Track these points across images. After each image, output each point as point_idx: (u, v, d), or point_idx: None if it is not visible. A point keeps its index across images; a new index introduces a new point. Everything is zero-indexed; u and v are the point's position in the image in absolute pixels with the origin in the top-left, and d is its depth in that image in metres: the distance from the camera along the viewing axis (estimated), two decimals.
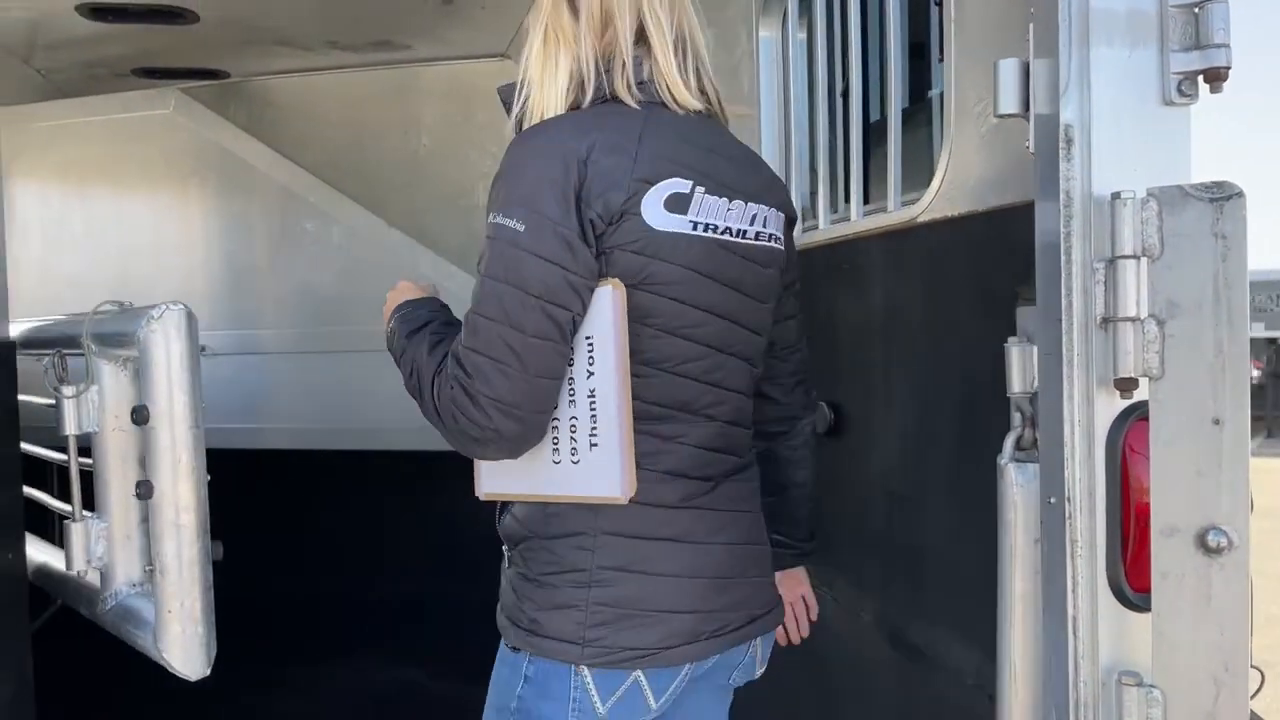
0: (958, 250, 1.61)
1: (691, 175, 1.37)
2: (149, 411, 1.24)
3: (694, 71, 1.43)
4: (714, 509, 1.44)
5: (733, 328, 1.43)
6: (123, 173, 4.74)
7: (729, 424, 1.45)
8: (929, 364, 1.71)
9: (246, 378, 4.52)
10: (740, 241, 1.43)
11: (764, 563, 1.52)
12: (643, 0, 1.38)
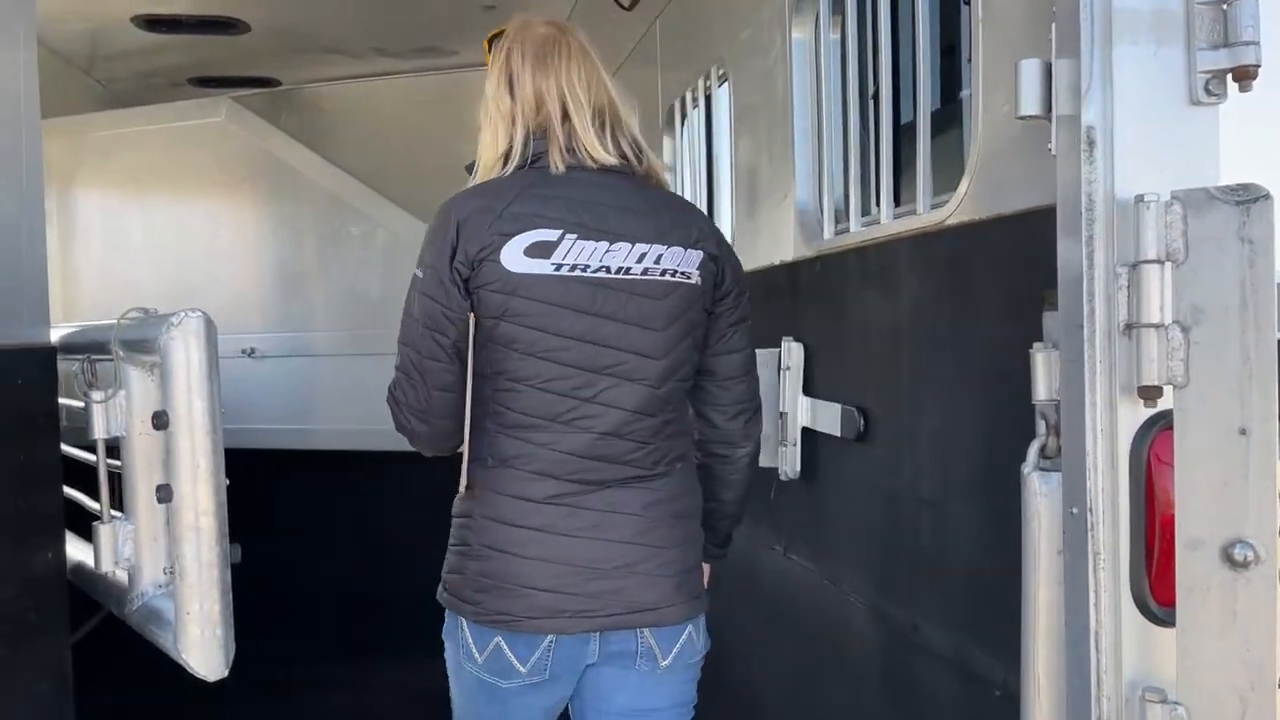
0: (985, 254, 1.58)
1: (562, 225, 1.67)
2: (168, 416, 1.27)
3: (611, 137, 1.75)
4: (589, 509, 1.72)
5: (606, 351, 1.70)
6: (177, 180, 4.87)
7: (609, 435, 1.70)
8: (957, 369, 1.68)
9: (296, 380, 4.61)
10: (620, 277, 1.70)
11: (662, 562, 1.74)
12: (564, 87, 1.74)
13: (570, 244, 1.69)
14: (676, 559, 1.76)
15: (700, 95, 3.20)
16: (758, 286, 2.63)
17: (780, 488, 2.45)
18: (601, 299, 1.70)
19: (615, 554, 1.72)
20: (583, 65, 1.81)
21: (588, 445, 1.71)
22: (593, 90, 1.78)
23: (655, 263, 1.72)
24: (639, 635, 1.75)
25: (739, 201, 2.81)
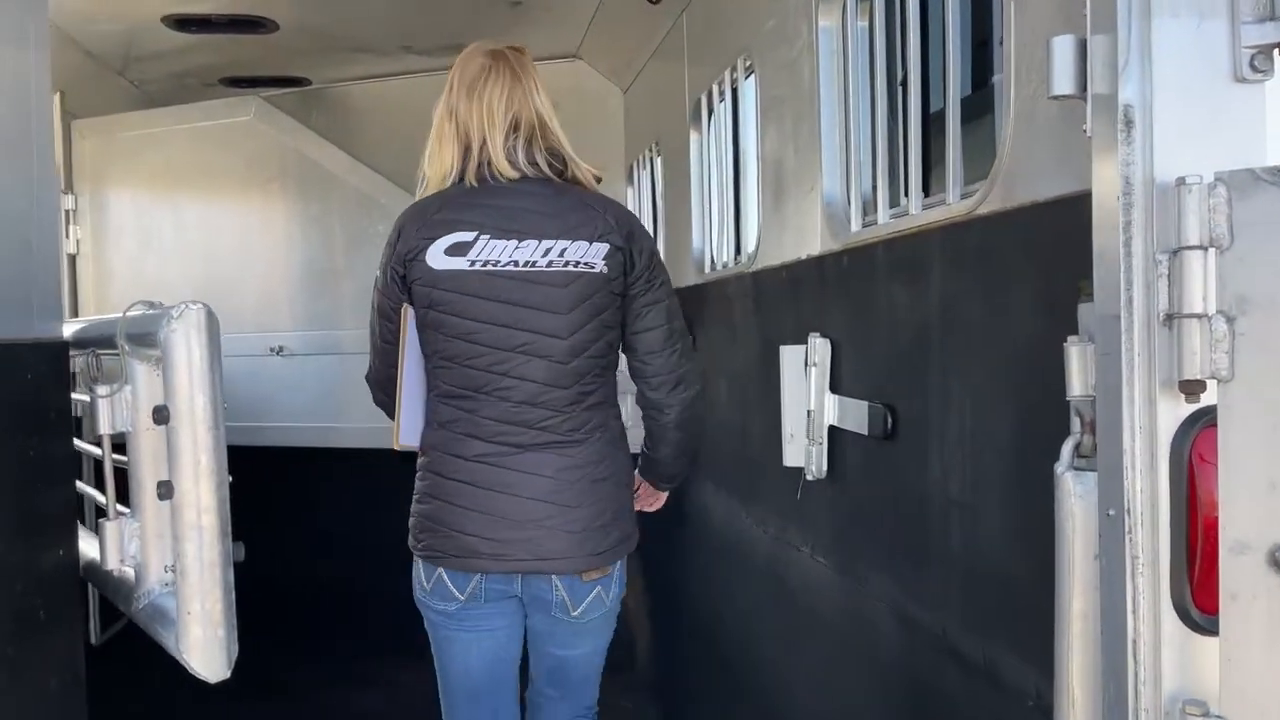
0: (1017, 243, 1.52)
1: (476, 228, 2.05)
2: (169, 411, 1.24)
3: (524, 150, 2.10)
4: (510, 469, 2.07)
5: (516, 333, 2.06)
6: (207, 179, 4.89)
7: (524, 404, 2.07)
8: (988, 365, 1.61)
9: (324, 378, 4.61)
10: (527, 270, 2.05)
11: (570, 519, 2.07)
12: (485, 112, 2.11)
13: (484, 243, 2.06)
14: (584, 517, 2.09)
15: (727, 88, 3.15)
16: (784, 281, 2.58)
17: (807, 488, 2.39)
18: (510, 288, 2.05)
19: (528, 509, 2.08)
20: (509, 89, 2.14)
21: (506, 412, 2.08)
22: (512, 112, 2.12)
23: (560, 255, 2.06)
24: (552, 584, 2.11)
25: (765, 195, 2.75)
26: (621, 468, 2.21)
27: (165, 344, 1.22)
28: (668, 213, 4.04)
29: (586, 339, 2.09)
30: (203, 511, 1.25)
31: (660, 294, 2.21)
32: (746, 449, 2.92)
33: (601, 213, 2.13)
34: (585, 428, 2.12)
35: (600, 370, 2.14)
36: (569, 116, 5.00)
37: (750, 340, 2.90)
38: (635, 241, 2.15)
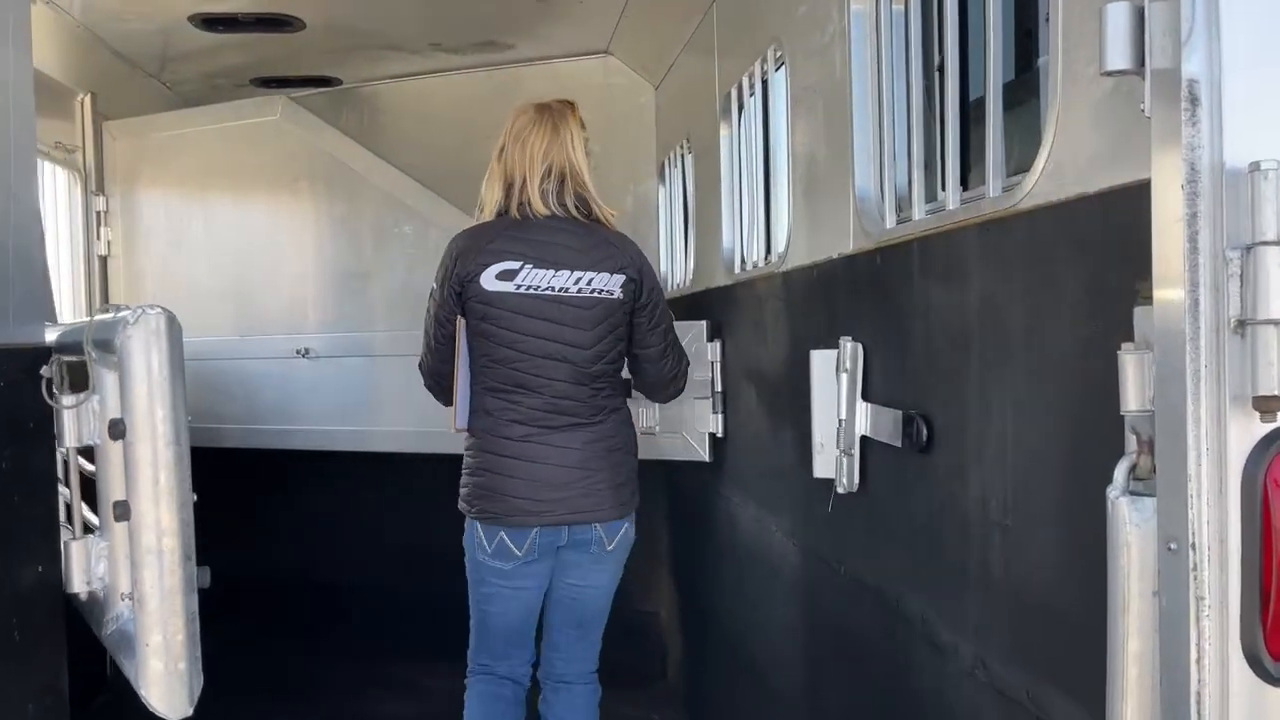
0: (1066, 240, 1.37)
1: (521, 258, 2.64)
2: (125, 425, 1.15)
3: (555, 193, 2.69)
4: (547, 444, 2.68)
5: (549, 344, 2.67)
6: (235, 179, 4.86)
7: (558, 398, 2.68)
8: (1032, 374, 1.47)
9: (351, 380, 4.55)
10: (562, 294, 2.66)
11: (596, 481, 2.72)
12: (528, 160, 2.69)
13: (528, 271, 2.65)
14: (607, 478, 2.75)
15: (757, 80, 3.02)
16: (815, 282, 2.44)
17: (838, 501, 2.25)
18: (547, 309, 2.66)
19: (564, 476, 2.69)
20: (549, 140, 2.71)
21: (544, 404, 2.69)
22: (551, 158, 2.71)
23: (588, 284, 2.67)
24: (594, 529, 2.75)
25: (796, 191, 2.61)
26: (630, 440, 2.86)
27: (122, 352, 1.12)
28: (698, 211, 3.91)
29: (604, 350, 2.73)
30: (163, 534, 1.15)
31: (661, 318, 2.82)
32: (777, 457, 2.79)
33: (621, 250, 2.74)
34: (603, 412, 2.75)
35: (614, 370, 2.79)
36: (600, 114, 4.92)
37: (781, 343, 2.77)
38: (645, 276, 2.76)
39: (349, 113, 5.36)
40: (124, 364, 1.13)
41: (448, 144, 5.21)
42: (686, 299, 4.08)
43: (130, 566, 1.16)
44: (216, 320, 4.78)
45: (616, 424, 2.78)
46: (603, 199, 4.68)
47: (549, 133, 2.71)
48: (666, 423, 3.63)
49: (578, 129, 2.79)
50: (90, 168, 4.83)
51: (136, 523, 1.13)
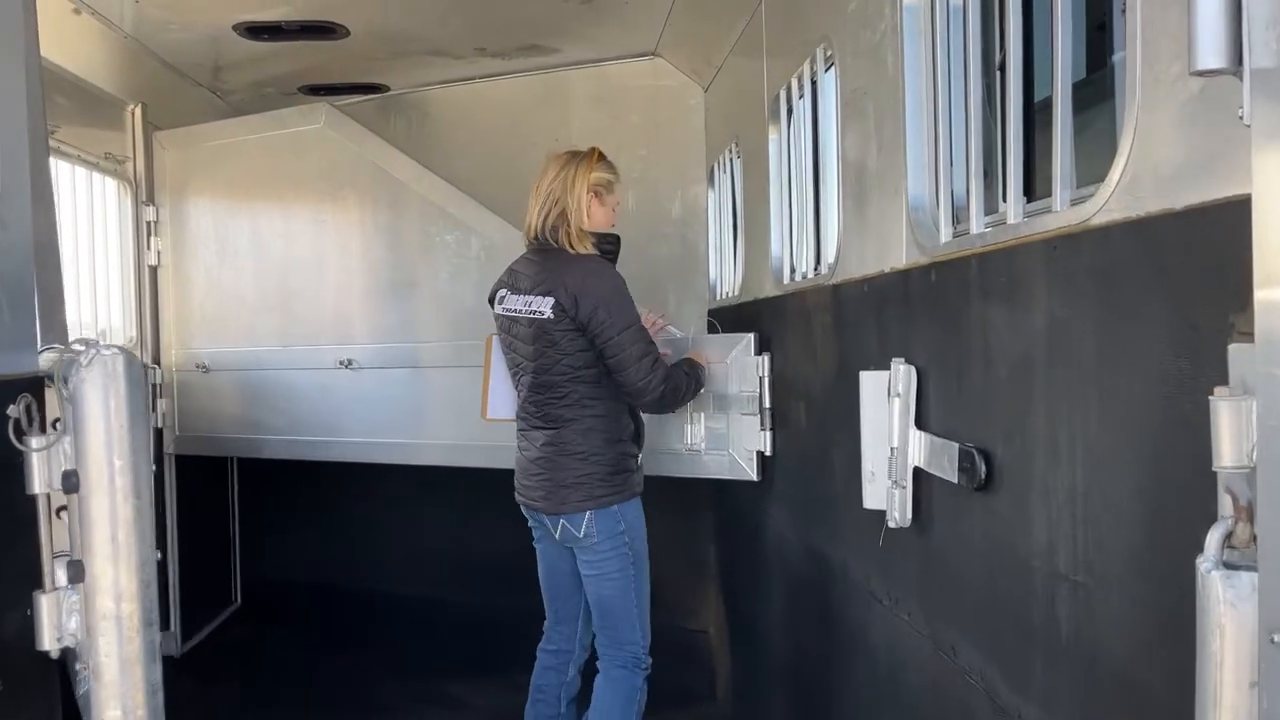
0: (1145, 263, 1.20)
1: (506, 286, 3.26)
2: (79, 478, 1.04)
3: (544, 221, 3.17)
4: (525, 439, 3.26)
5: (514, 356, 3.24)
6: (280, 187, 4.82)
7: (526, 402, 3.21)
8: (1106, 413, 1.30)
9: (394, 392, 4.48)
10: (515, 314, 3.20)
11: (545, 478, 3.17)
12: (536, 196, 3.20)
13: (505, 296, 3.26)
14: (555, 477, 3.14)
15: (806, 81, 2.86)
16: (866, 297, 2.28)
17: (889, 535, 2.08)
18: (513, 327, 3.22)
19: (529, 468, 3.22)
20: (557, 174, 3.16)
21: (522, 406, 3.24)
22: (551, 189, 3.17)
23: (528, 306, 3.15)
24: (559, 520, 3.16)
25: (846, 199, 2.45)
26: (592, 447, 3.13)
27: (75, 397, 1.01)
28: (747, 218, 3.76)
29: (546, 363, 3.13)
30: (122, 599, 1.04)
31: (609, 334, 3.05)
32: (826, 482, 2.62)
33: (556, 274, 3.09)
34: (559, 420, 3.14)
35: (562, 383, 3.13)
36: (648, 118, 4.77)
37: (830, 361, 2.61)
38: (583, 296, 3.03)
39: (397, 119, 5.32)
40: (77, 410, 1.02)
41: (496, 149, 5.13)
42: (733, 309, 3.93)
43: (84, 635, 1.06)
44: (261, 330, 4.76)
45: (572, 431, 3.13)
46: (650, 204, 4.59)
47: (556, 171, 3.16)
48: (713, 440, 3.48)
49: (585, 169, 3.14)
50: (140, 178, 4.84)
51: (91, 586, 1.02)
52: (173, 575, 5.10)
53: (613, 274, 3.15)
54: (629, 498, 3.19)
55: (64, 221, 4.25)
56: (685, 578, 4.85)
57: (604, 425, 3.14)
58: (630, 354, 3.05)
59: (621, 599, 3.18)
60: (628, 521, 3.17)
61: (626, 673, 3.21)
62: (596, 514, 3.11)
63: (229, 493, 5.89)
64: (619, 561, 3.15)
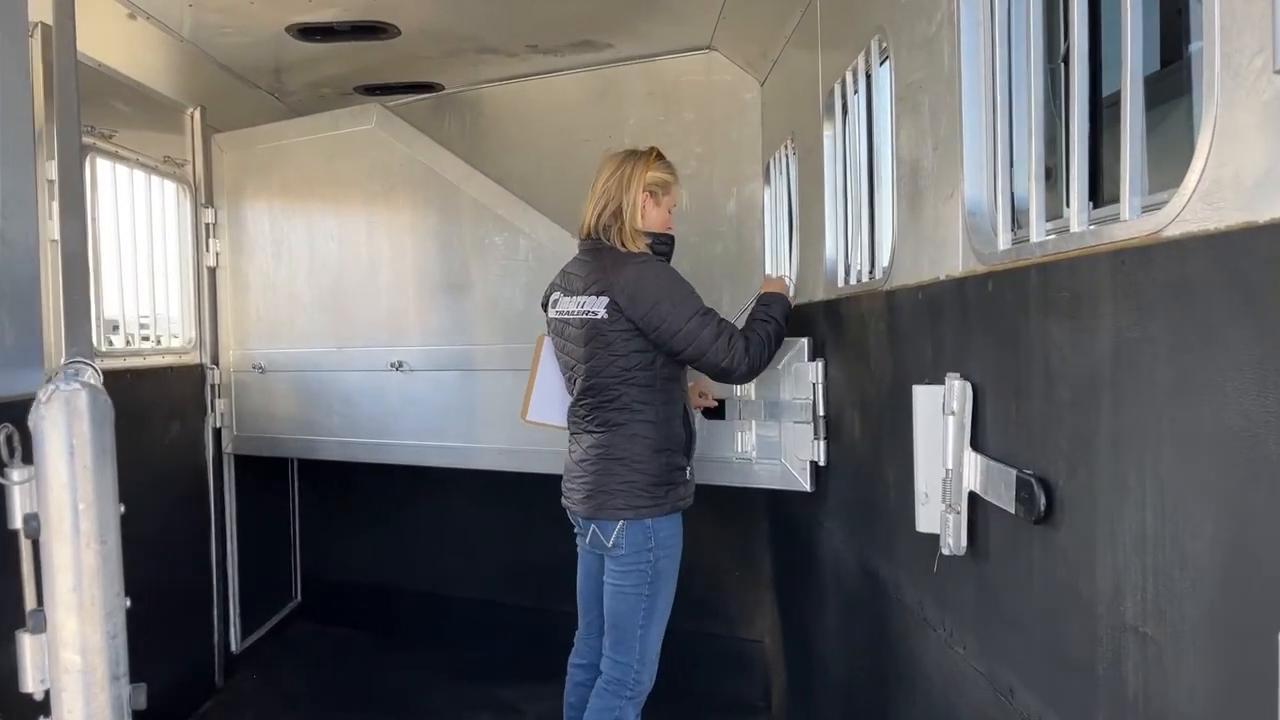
0: (1225, 282, 1.06)
1: (559, 289, 3.21)
2: (39, 521, 0.97)
3: (597, 219, 3.10)
4: (573, 440, 3.20)
5: (566, 359, 3.17)
6: (331, 188, 4.82)
7: (576, 404, 3.15)
8: (1181, 448, 1.16)
9: (445, 395, 4.44)
10: (568, 315, 3.12)
11: (586, 481, 3.09)
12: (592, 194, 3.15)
13: (558, 299, 3.20)
14: (596, 481, 3.05)
15: (861, 75, 2.72)
16: (920, 306, 2.14)
17: (944, 561, 1.95)
18: (566, 329, 3.14)
19: (573, 470, 3.15)
20: (613, 172, 3.10)
21: (572, 409, 3.17)
22: (607, 188, 3.10)
23: (581, 307, 3.06)
24: (591, 524, 3.08)
25: (901, 200, 2.31)
26: (635, 454, 3.02)
27: (35, 435, 0.96)
28: (802, 217, 3.62)
29: (598, 365, 3.04)
30: (86, 651, 0.97)
31: (677, 325, 2.93)
32: (879, 500, 2.49)
33: (610, 273, 2.99)
34: (607, 424, 3.05)
35: (613, 385, 3.03)
36: (703, 114, 4.66)
37: (884, 371, 2.47)
38: (638, 295, 2.94)
39: (451, 118, 5.29)
40: (37, 449, 0.96)
41: (549, 147, 5.07)
42: None
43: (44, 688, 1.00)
44: (316, 331, 4.77)
45: (619, 436, 3.03)
46: (704, 201, 4.47)
47: (614, 167, 3.11)
48: (765, 448, 3.36)
49: (642, 168, 3.08)
50: (199, 180, 4.89)
51: (53, 637, 0.96)
52: (232, 572, 5.16)
53: (666, 267, 3.06)
54: (667, 512, 3.04)
55: (124, 224, 4.31)
56: (740, 585, 4.73)
57: (652, 431, 3.03)
58: (704, 338, 2.92)
59: (629, 617, 3.04)
60: (659, 538, 3.02)
61: (609, 694, 3.07)
62: (629, 525, 3.00)
63: (290, 491, 5.95)
64: (637, 578, 3.02)
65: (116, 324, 4.31)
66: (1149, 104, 1.38)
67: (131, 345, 4.42)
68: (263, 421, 4.93)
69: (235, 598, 5.19)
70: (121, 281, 4.26)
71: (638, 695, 3.07)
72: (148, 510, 4.43)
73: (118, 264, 4.24)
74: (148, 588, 4.37)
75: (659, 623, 3.07)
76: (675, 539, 3.08)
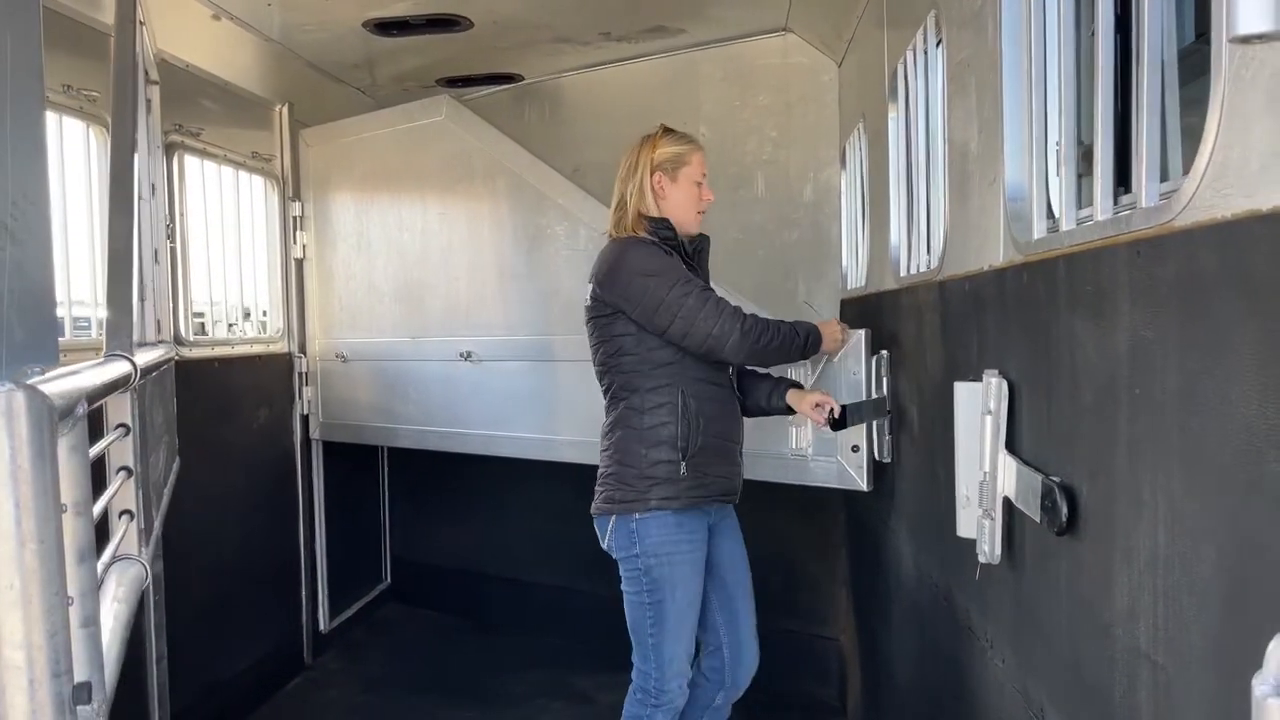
0: (1229, 275, 0.95)
1: None
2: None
3: (614, 214, 3.03)
4: None
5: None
6: (405, 180, 4.91)
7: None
8: (1188, 461, 1.05)
9: (512, 385, 4.47)
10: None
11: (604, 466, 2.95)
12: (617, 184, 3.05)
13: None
14: (597, 476, 2.96)
15: (919, 54, 2.59)
16: (967, 298, 2.03)
17: (983, 570, 1.85)
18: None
19: None
20: (624, 165, 3.04)
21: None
22: (621, 180, 3.03)
23: (586, 294, 2.98)
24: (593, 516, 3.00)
25: (952, 186, 2.19)
26: (622, 445, 2.88)
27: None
28: (872, 203, 3.49)
29: (594, 344, 2.98)
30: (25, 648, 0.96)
31: (659, 296, 2.78)
32: (932, 500, 2.38)
33: (601, 260, 2.94)
34: (615, 399, 2.93)
35: (604, 374, 2.97)
36: (779, 97, 4.54)
37: (937, 367, 2.36)
38: (613, 273, 2.85)
39: (530, 108, 5.31)
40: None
41: (626, 135, 5.01)
42: (858, 301, 3.67)
43: None
44: (392, 321, 4.87)
45: (609, 424, 2.93)
46: (781, 187, 4.36)
47: (624, 161, 3.04)
48: (821, 445, 3.26)
49: (648, 151, 2.99)
50: (287, 174, 5.04)
51: None
52: (320, 554, 5.34)
53: (646, 245, 2.86)
54: (649, 510, 2.79)
55: (212, 217, 4.48)
56: (815, 582, 4.63)
57: (634, 420, 2.85)
58: (690, 305, 2.75)
59: (639, 624, 2.88)
60: (646, 544, 2.80)
61: (637, 702, 2.93)
62: (615, 523, 2.86)
63: (379, 478, 6.11)
64: (633, 584, 2.86)
65: (204, 314, 4.49)
66: (1184, 79, 1.25)
67: (221, 335, 4.60)
68: (346, 409, 5.08)
69: (324, 579, 5.36)
70: (210, 273, 4.43)
71: (664, 704, 2.89)
72: (239, 493, 4.62)
73: (206, 256, 4.41)
74: (239, 567, 4.58)
75: (673, 632, 2.85)
76: (671, 544, 2.81)
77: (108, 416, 1.95)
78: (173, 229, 4.02)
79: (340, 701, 4.80)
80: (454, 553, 5.93)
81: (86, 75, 3.48)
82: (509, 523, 5.66)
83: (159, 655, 3.81)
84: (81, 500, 1.12)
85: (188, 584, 4.02)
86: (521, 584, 5.62)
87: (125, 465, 1.91)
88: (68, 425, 1.14)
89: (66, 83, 3.43)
